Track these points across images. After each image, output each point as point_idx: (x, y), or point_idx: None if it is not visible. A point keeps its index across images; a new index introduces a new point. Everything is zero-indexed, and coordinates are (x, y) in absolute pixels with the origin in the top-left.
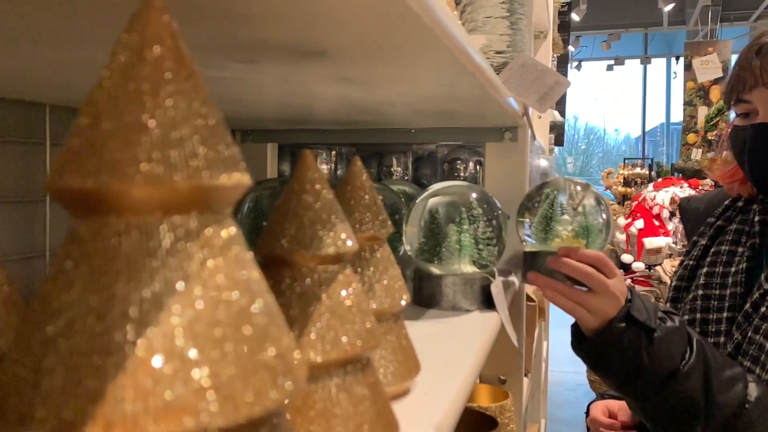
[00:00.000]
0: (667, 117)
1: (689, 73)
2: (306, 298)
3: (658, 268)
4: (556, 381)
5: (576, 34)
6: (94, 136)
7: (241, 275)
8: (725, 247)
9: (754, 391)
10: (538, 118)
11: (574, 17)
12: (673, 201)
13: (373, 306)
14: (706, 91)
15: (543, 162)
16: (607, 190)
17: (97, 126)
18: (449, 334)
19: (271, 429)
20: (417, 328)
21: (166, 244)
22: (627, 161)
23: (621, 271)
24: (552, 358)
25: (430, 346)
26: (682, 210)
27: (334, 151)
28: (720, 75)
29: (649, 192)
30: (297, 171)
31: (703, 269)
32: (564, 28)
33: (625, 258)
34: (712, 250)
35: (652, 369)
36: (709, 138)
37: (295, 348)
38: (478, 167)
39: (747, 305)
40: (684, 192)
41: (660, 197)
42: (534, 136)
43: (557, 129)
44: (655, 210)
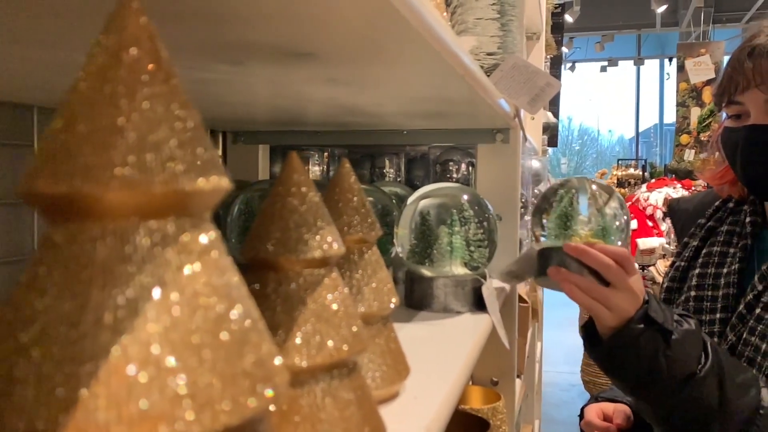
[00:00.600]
0: (661, 118)
1: (682, 75)
2: (292, 302)
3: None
4: (550, 381)
5: (569, 35)
6: (68, 139)
7: (220, 281)
8: (717, 248)
9: (767, 396)
10: (531, 119)
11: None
12: (667, 202)
13: (361, 309)
14: (698, 92)
15: (536, 163)
16: None
17: (72, 129)
18: (440, 337)
19: None
20: (408, 331)
21: (143, 250)
22: (620, 162)
23: None
24: (546, 358)
25: (421, 348)
26: (672, 211)
27: (326, 153)
28: (712, 76)
29: (642, 193)
30: (282, 173)
31: (695, 270)
32: (557, 29)
33: None
34: (704, 251)
35: (668, 372)
36: (702, 139)
37: (276, 354)
38: (471, 168)
39: (740, 306)
40: (677, 193)
41: (653, 198)
42: (525, 137)
43: (551, 130)
44: (649, 211)
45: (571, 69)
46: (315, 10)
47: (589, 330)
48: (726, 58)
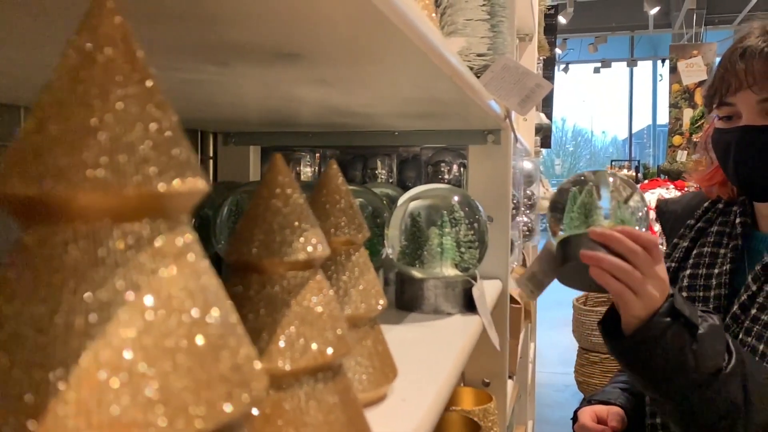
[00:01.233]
0: (654, 119)
1: (674, 76)
2: (275, 305)
3: None
4: (544, 382)
5: (563, 36)
6: (40, 140)
7: (196, 284)
8: (707, 249)
9: None
10: (524, 120)
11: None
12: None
13: (348, 311)
14: (691, 94)
15: (527, 164)
16: None
17: (44, 130)
18: (430, 338)
19: None
20: (398, 333)
21: (116, 253)
22: (614, 163)
23: None
24: (539, 359)
25: (411, 350)
26: (660, 213)
27: (317, 154)
28: (705, 77)
29: None
30: (266, 175)
31: (686, 271)
32: (550, 30)
33: None
34: (694, 252)
35: (695, 368)
36: (695, 140)
37: (254, 358)
38: (462, 169)
39: (734, 307)
40: (670, 193)
41: (647, 199)
42: (516, 138)
43: (543, 131)
44: None
45: (565, 70)
46: (297, 11)
47: (608, 325)
48: (718, 60)
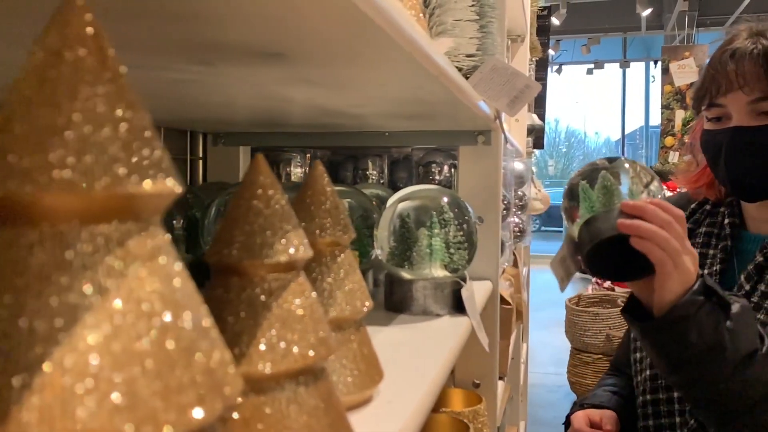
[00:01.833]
0: (646, 120)
1: (667, 77)
2: (256, 308)
3: None
4: (536, 383)
5: (556, 38)
6: (5, 140)
7: (167, 287)
8: (697, 250)
9: None
10: (516, 121)
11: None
12: None
13: (333, 313)
14: (683, 95)
15: (519, 165)
16: None
17: (9, 130)
18: (418, 340)
19: None
20: (386, 334)
21: (83, 255)
22: None
23: None
24: (532, 359)
25: (398, 352)
26: None
27: (308, 155)
28: (696, 79)
29: None
30: (248, 175)
31: None
32: (543, 31)
33: None
34: None
35: (732, 347)
36: (686, 141)
37: (229, 362)
38: (453, 170)
39: None
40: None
41: None
42: (507, 139)
43: (536, 132)
44: None
45: (558, 71)
46: (278, 10)
47: (631, 310)
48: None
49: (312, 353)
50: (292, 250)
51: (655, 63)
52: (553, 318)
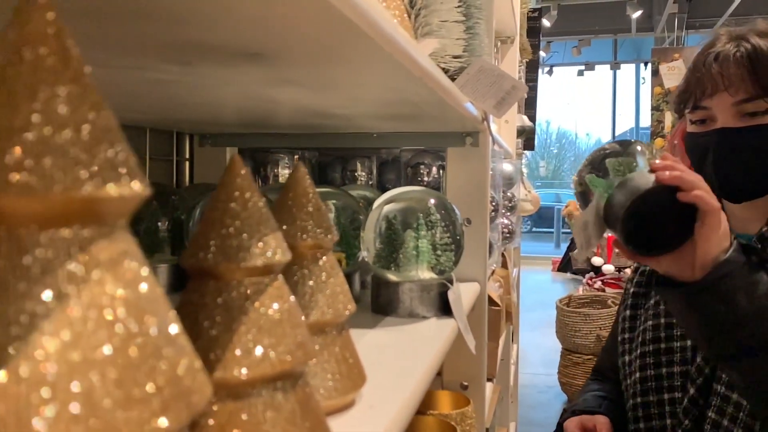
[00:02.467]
0: (637, 122)
1: (656, 79)
2: (232, 312)
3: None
4: (527, 384)
5: (547, 39)
6: None
7: (132, 293)
8: None
9: None
10: (506, 122)
11: (545, 23)
12: None
13: (314, 317)
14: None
15: (507, 166)
16: None
17: None
18: (403, 342)
19: None
20: (371, 337)
21: (42, 261)
22: None
23: (591, 273)
24: (522, 360)
25: (383, 355)
26: None
27: (296, 156)
28: None
29: None
30: (224, 177)
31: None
32: (534, 33)
33: (596, 260)
34: None
35: None
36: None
37: (198, 369)
38: (442, 172)
39: None
40: None
41: None
42: (494, 140)
43: (526, 133)
44: None
45: (549, 73)
46: (254, 10)
47: (661, 283)
48: None
49: (289, 358)
50: (270, 254)
51: (645, 65)
52: (543, 319)
